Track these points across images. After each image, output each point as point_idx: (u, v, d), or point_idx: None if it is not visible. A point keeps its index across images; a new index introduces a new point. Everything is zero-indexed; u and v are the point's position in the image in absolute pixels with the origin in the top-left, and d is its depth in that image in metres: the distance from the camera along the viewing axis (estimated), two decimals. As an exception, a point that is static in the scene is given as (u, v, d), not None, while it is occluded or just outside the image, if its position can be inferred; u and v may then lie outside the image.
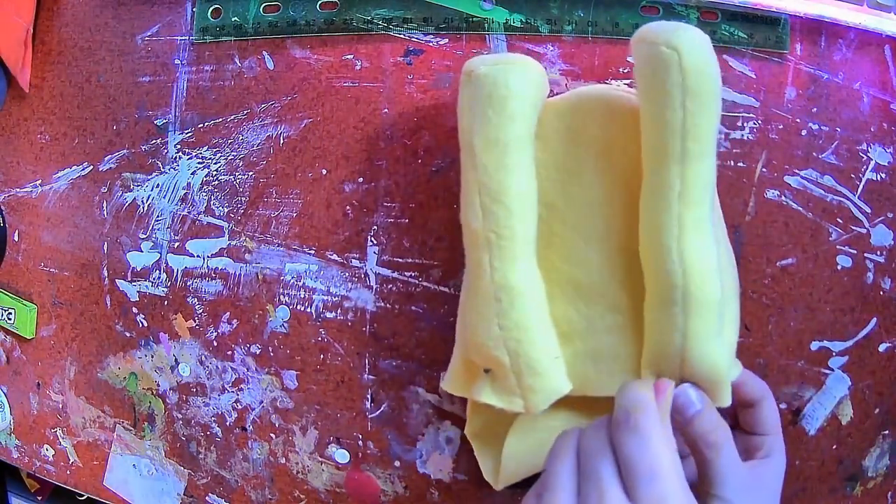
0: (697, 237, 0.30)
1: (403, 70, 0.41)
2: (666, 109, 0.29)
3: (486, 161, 0.32)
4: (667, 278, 0.30)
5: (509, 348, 0.32)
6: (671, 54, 0.29)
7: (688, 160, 0.30)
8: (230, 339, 0.45)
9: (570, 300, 0.35)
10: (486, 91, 0.32)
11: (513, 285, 0.32)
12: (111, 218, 0.47)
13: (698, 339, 0.30)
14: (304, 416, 0.44)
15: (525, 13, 0.40)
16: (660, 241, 0.30)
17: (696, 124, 0.29)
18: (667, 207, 0.30)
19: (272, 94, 0.43)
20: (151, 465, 0.49)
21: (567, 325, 0.34)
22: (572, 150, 0.35)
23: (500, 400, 0.33)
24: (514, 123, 0.32)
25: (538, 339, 0.32)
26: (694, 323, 0.30)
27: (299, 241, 0.43)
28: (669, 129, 0.29)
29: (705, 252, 0.30)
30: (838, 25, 0.39)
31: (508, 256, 0.32)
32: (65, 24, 0.47)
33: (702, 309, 0.30)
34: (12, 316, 0.50)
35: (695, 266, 0.30)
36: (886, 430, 0.42)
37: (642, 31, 0.31)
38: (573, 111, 0.35)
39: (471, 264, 0.33)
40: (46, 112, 0.48)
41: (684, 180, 0.30)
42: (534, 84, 0.33)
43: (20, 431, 0.52)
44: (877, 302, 0.41)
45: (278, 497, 0.46)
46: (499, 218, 0.32)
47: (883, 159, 0.40)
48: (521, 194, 0.32)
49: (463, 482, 0.43)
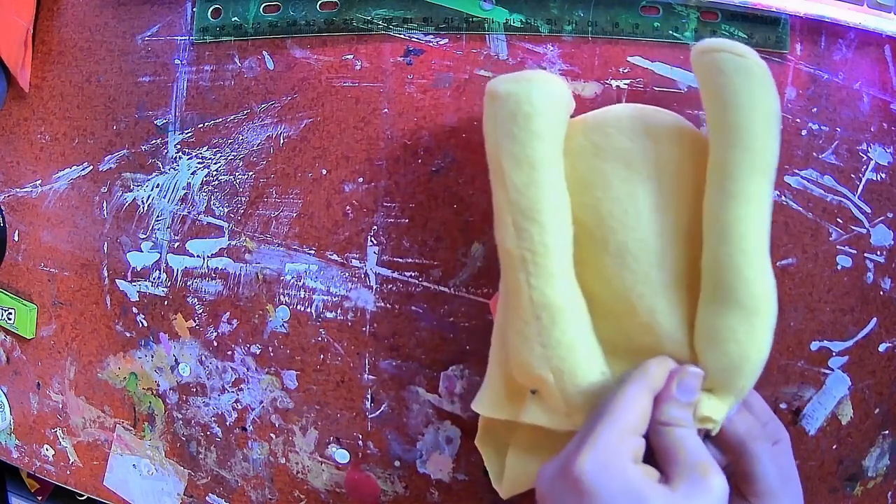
0: (767, 248, 0.31)
1: (403, 70, 0.41)
2: (757, 122, 0.31)
3: (516, 179, 0.31)
4: (752, 287, 0.30)
5: (553, 367, 0.31)
6: (763, 72, 0.31)
7: (768, 173, 0.31)
8: (230, 339, 0.45)
9: (609, 317, 0.34)
10: (510, 109, 0.32)
11: (552, 302, 0.31)
12: (111, 218, 0.47)
13: (769, 347, 0.31)
14: (304, 416, 0.44)
15: (525, 13, 0.40)
16: (749, 248, 0.30)
17: (774, 137, 0.31)
18: (756, 216, 0.31)
19: (272, 94, 0.43)
20: (151, 465, 0.49)
21: (609, 341, 0.33)
22: (597, 165, 0.34)
23: (548, 419, 0.32)
24: (540, 140, 0.32)
25: (582, 355, 0.32)
26: (769, 335, 0.31)
27: (299, 241, 0.43)
28: (759, 140, 0.31)
29: (769, 261, 0.31)
30: (838, 25, 0.39)
31: (545, 274, 0.31)
32: (65, 24, 0.47)
33: (773, 322, 0.31)
34: (12, 316, 0.50)
35: (772, 278, 0.31)
36: (886, 430, 0.42)
37: (723, 42, 0.32)
38: (598, 127, 0.35)
39: (507, 284, 0.33)
40: (46, 112, 0.48)
41: (767, 192, 0.31)
42: (558, 100, 0.33)
43: (20, 431, 0.52)
44: (877, 302, 0.41)
45: (278, 497, 0.46)
46: (532, 235, 0.31)
47: (883, 159, 0.40)
48: (553, 210, 0.32)
49: (463, 482, 0.43)
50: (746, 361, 0.31)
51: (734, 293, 0.30)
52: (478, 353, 0.41)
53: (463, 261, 0.41)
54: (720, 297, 0.31)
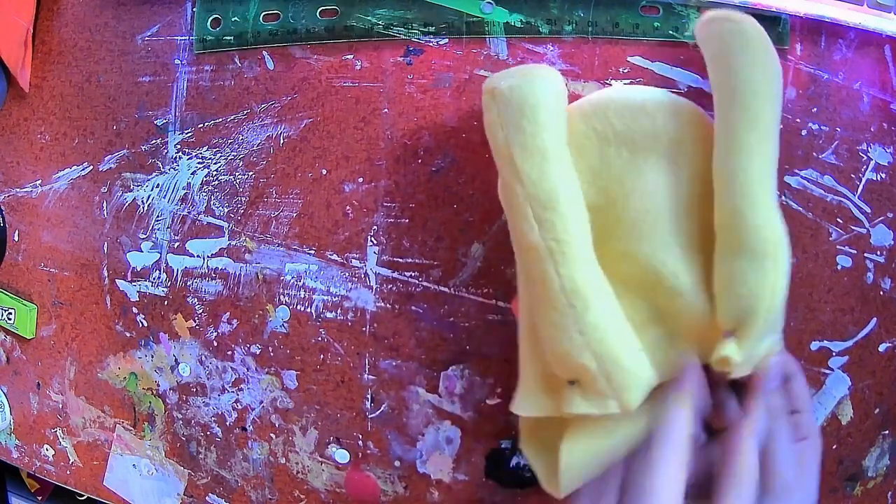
0: (775, 196, 0.33)
1: (403, 70, 0.41)
2: (759, 81, 0.32)
3: (530, 171, 0.32)
4: (761, 232, 0.32)
5: (594, 351, 0.32)
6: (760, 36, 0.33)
7: (773, 128, 0.32)
8: (230, 339, 0.45)
9: (633, 293, 0.35)
10: (516, 103, 0.32)
11: (582, 288, 0.32)
12: (111, 218, 0.47)
13: (783, 293, 0.32)
14: (304, 416, 0.44)
15: (525, 13, 0.40)
16: (757, 196, 0.32)
17: (777, 94, 0.33)
18: (764, 168, 0.32)
19: (272, 94, 0.43)
20: (151, 465, 0.49)
21: (637, 317, 0.34)
22: (603, 150, 0.35)
23: (593, 406, 0.33)
24: (548, 131, 0.32)
25: (618, 335, 0.32)
26: (782, 277, 0.32)
27: (299, 241, 0.43)
28: (763, 98, 0.32)
29: (777, 208, 0.33)
30: (838, 25, 0.39)
31: (572, 261, 0.32)
32: (65, 24, 0.47)
33: (786, 266, 0.32)
34: (12, 316, 0.50)
35: (780, 223, 0.32)
36: (886, 430, 0.42)
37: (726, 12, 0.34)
38: (596, 113, 0.36)
39: (533, 278, 0.33)
40: (46, 112, 0.48)
41: (773, 146, 0.32)
42: (558, 91, 0.34)
43: (20, 431, 0.52)
44: (877, 302, 0.41)
45: (278, 497, 0.46)
46: (555, 224, 0.32)
47: (883, 159, 0.40)
48: (570, 198, 0.33)
49: (463, 482, 0.43)
50: (760, 302, 0.32)
51: (743, 240, 0.32)
52: (478, 353, 0.41)
53: (463, 261, 0.41)
54: (731, 247, 0.32)
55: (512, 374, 0.41)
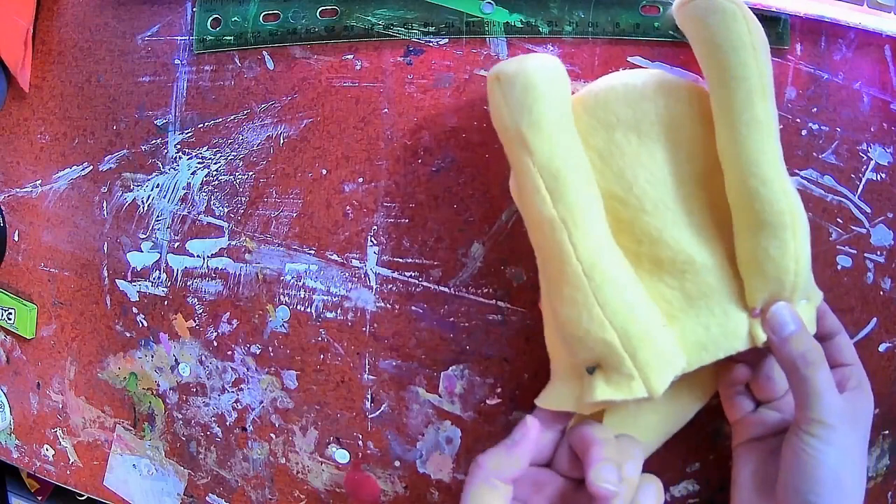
0: (782, 164, 0.33)
1: (403, 70, 0.41)
2: (742, 51, 0.32)
3: (540, 144, 0.32)
4: (775, 205, 0.32)
5: (615, 324, 0.31)
6: (734, 7, 0.32)
7: (768, 96, 0.32)
8: (230, 339, 0.45)
9: (657, 278, 0.34)
10: (521, 85, 0.32)
11: (599, 261, 0.31)
12: (111, 218, 0.47)
13: (806, 259, 0.33)
14: (304, 416, 0.44)
15: (525, 14, 0.40)
16: (764, 170, 0.32)
17: (765, 62, 0.32)
18: (766, 140, 0.32)
19: (272, 94, 0.43)
20: (151, 465, 0.49)
21: (665, 303, 0.34)
22: (610, 138, 0.35)
23: (617, 390, 0.31)
24: (555, 110, 0.32)
25: (639, 306, 0.32)
26: (803, 243, 0.32)
27: (299, 241, 0.43)
28: (749, 68, 0.32)
29: (787, 175, 0.33)
30: (838, 25, 0.39)
31: (586, 232, 0.31)
32: (65, 24, 0.47)
33: (805, 230, 0.33)
34: (12, 316, 0.50)
35: (791, 190, 0.33)
36: (886, 430, 0.42)
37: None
38: (599, 104, 0.36)
39: (549, 255, 0.33)
40: (46, 112, 0.48)
41: (770, 114, 0.32)
42: (562, 75, 0.34)
43: (20, 431, 0.52)
44: (877, 302, 0.41)
45: (278, 497, 0.46)
46: (567, 194, 0.32)
47: (883, 159, 0.40)
48: (579, 168, 0.32)
49: (463, 482, 0.43)
50: (786, 273, 0.32)
51: (758, 215, 0.32)
52: (478, 353, 0.41)
53: (463, 261, 0.41)
54: (748, 223, 0.33)
55: (512, 374, 0.41)
